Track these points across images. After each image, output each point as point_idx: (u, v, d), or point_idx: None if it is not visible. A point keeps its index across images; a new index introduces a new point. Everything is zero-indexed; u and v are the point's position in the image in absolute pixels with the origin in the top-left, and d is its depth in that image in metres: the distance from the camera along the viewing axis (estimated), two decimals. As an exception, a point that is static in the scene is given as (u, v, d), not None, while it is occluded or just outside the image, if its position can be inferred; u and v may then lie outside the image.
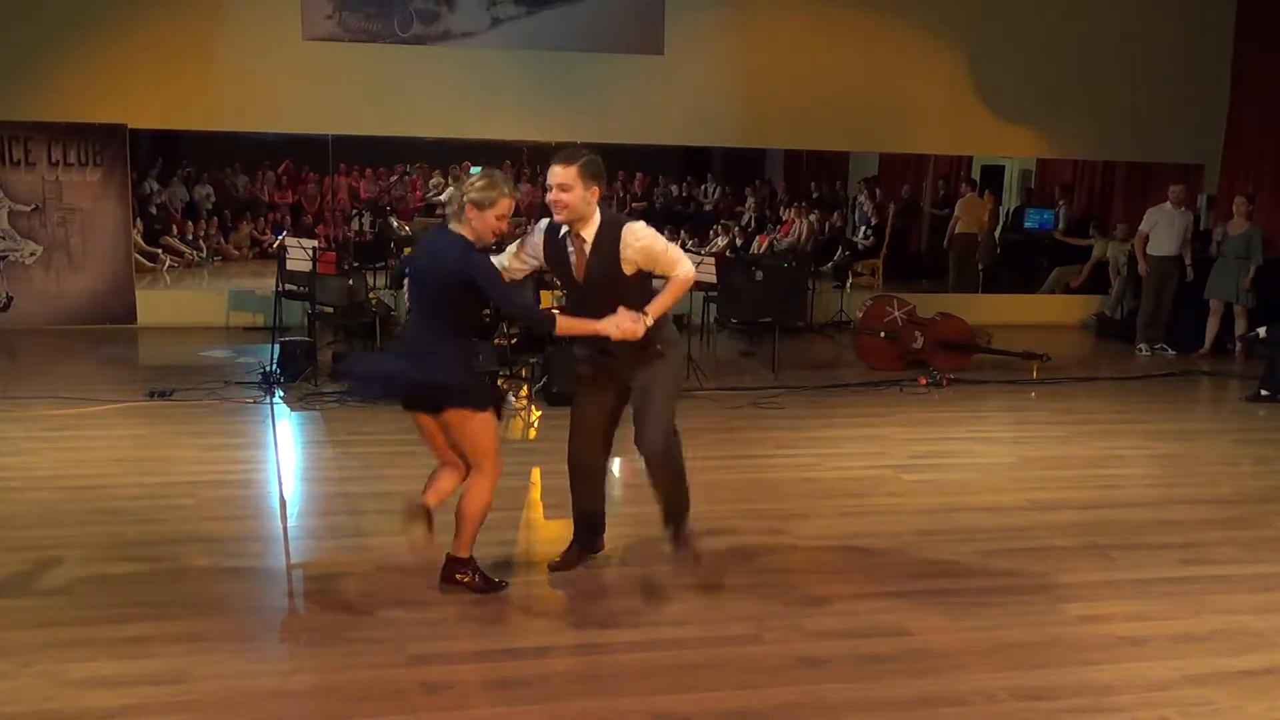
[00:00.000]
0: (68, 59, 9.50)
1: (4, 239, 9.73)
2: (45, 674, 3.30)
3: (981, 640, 3.70)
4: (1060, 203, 12.92)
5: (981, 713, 3.23)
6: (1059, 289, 12.32)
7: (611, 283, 3.83)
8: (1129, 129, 11.34)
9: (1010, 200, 13.85)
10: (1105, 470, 5.94)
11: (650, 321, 3.77)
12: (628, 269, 3.83)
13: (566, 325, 3.77)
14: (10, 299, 9.80)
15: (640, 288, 3.90)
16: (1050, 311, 11.81)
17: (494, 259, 3.89)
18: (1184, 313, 9.82)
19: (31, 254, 9.80)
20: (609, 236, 3.81)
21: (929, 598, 4.05)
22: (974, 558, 4.51)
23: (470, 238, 3.69)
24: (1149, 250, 9.71)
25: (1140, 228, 9.83)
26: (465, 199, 3.66)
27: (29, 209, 9.73)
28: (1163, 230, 9.63)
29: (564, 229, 3.83)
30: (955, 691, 3.34)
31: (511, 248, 4.01)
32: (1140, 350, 9.82)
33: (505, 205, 3.69)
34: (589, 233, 3.81)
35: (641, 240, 3.81)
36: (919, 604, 3.99)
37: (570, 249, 3.86)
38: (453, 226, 3.72)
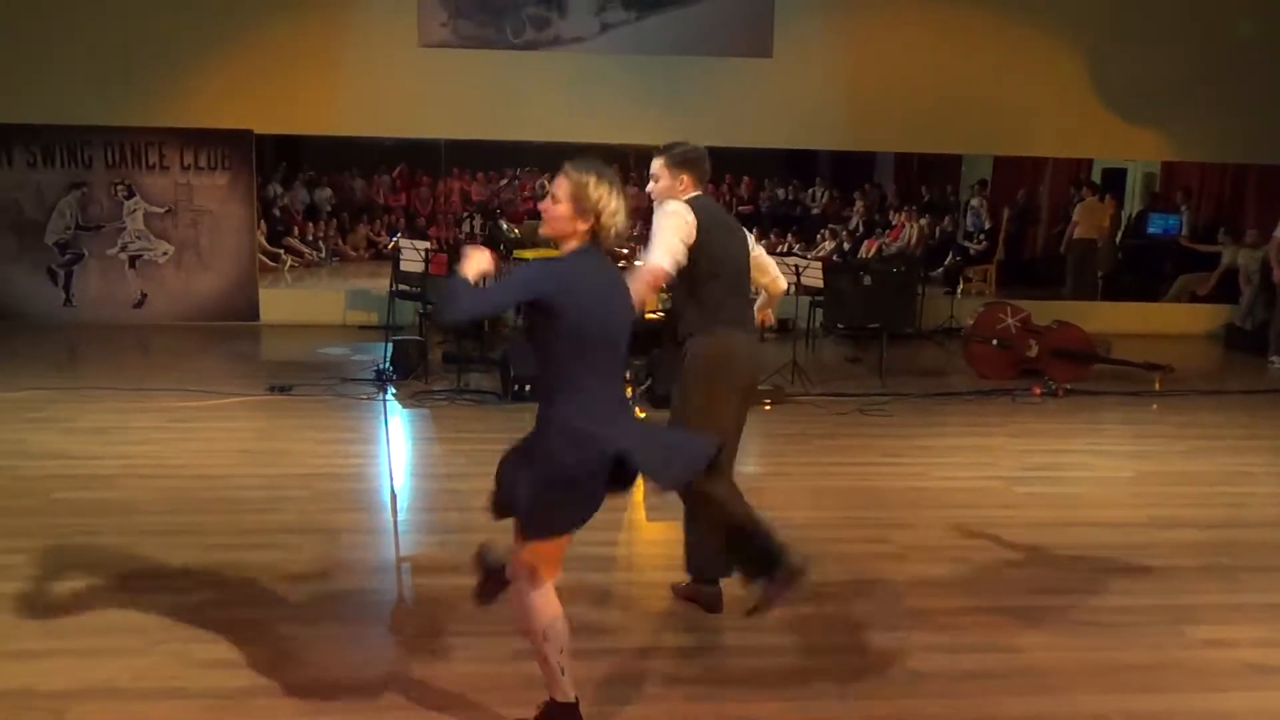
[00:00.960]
0: (199, 68, 9.96)
1: (140, 239, 10.25)
2: (172, 654, 3.46)
3: (1095, 661, 3.57)
4: (1182, 207, 12.37)
5: (1094, 736, 3.12)
6: (1185, 297, 11.79)
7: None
8: (1261, 130, 10.79)
9: (1133, 204, 13.31)
10: (1232, 488, 5.66)
11: None
12: None
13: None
14: (144, 296, 10.32)
15: (685, 275, 3.58)
16: (1175, 321, 11.32)
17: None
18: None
19: (164, 254, 10.30)
20: None
21: (1039, 614, 3.92)
22: (1089, 575, 4.35)
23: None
24: (1285, 257, 9.24)
25: (1275, 234, 9.36)
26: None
27: (162, 211, 10.23)
28: (1300, 237, 9.16)
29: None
30: (1065, 713, 3.23)
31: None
32: (1273, 363, 9.33)
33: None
34: None
35: (655, 215, 3.62)
36: (1028, 620, 3.87)
37: None
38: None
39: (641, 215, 3.81)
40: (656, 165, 3.79)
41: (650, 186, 3.81)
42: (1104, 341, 8.73)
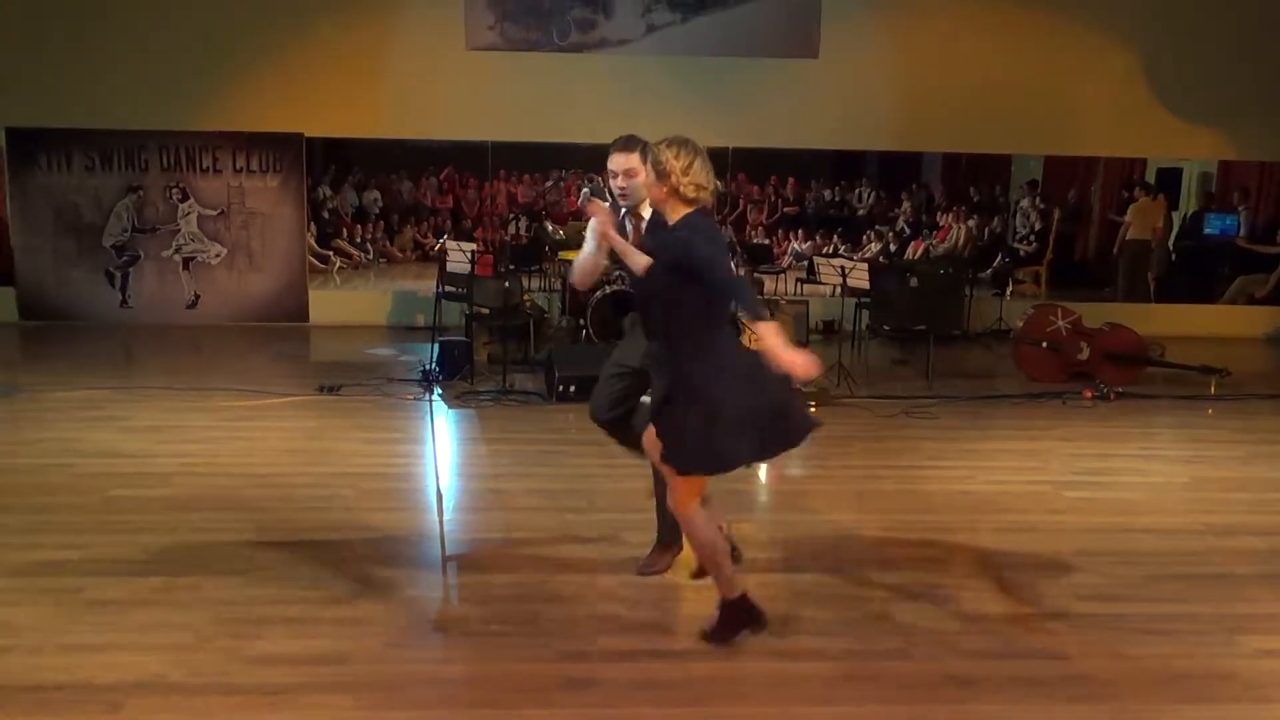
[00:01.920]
0: (250, 73, 10.13)
1: (194, 241, 10.45)
2: (223, 649, 3.53)
3: (1147, 669, 3.51)
4: (1240, 207, 12.10)
5: (1146, 746, 3.07)
6: (1242, 299, 11.53)
7: None
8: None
9: (1189, 205, 13.04)
10: (1291, 495, 5.54)
11: None
12: None
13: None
14: (197, 297, 10.51)
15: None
16: (1231, 323, 11.07)
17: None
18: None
19: (216, 255, 10.48)
20: None
21: (1090, 621, 3.87)
22: (1141, 582, 4.27)
23: None
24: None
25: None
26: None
27: (215, 213, 10.41)
28: (1363, 237, 8.91)
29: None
30: (1117, 721, 3.18)
31: None
32: (1334, 366, 9.10)
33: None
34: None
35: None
36: (1079, 627, 3.81)
37: None
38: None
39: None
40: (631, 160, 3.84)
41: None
42: (1157, 344, 8.56)
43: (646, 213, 3.84)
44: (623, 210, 3.93)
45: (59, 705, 3.16)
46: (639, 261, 3.48)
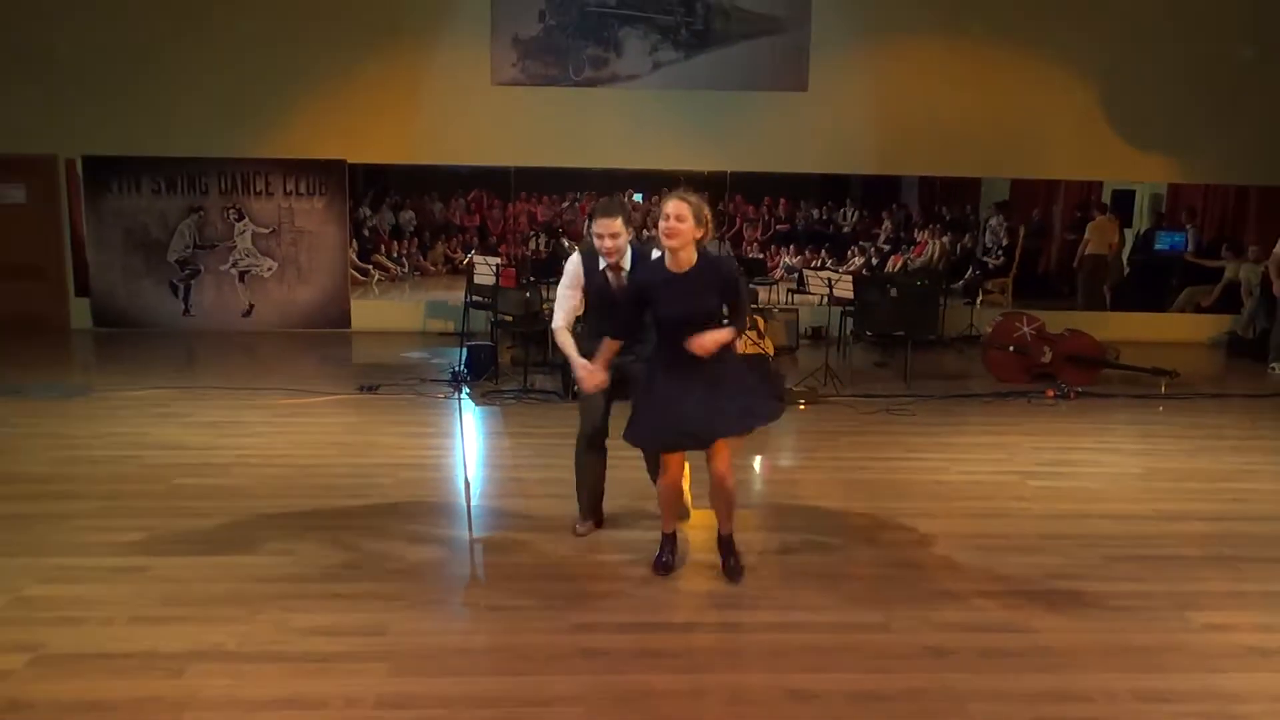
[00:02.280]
0: (299, 107, 10.16)
1: (249, 256, 10.47)
2: (272, 621, 3.53)
3: (1106, 642, 3.49)
4: (1188, 226, 12.04)
5: (1104, 711, 3.04)
6: (1189, 308, 11.46)
7: None
8: (1261, 153, 10.48)
9: (1141, 223, 12.99)
10: (1235, 484, 5.49)
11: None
12: None
13: None
14: (252, 306, 10.54)
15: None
16: (1180, 329, 11.02)
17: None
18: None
19: (269, 269, 10.51)
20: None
21: (1054, 598, 3.84)
22: (1100, 563, 4.25)
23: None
24: (1284, 272, 8.94)
25: (1275, 250, 9.06)
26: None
27: (268, 231, 10.44)
28: (1299, 252, 8.87)
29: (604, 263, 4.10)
30: (1078, 688, 3.16)
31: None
32: (1273, 369, 9.03)
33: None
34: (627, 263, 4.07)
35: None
36: (1044, 603, 3.79)
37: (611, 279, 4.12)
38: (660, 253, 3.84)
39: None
40: (616, 224, 4.01)
41: (622, 240, 4.03)
42: (1113, 348, 8.52)
43: (626, 263, 4.03)
44: (603, 264, 4.08)
45: (127, 671, 3.17)
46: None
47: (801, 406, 7.12)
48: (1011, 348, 8.28)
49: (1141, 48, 10.32)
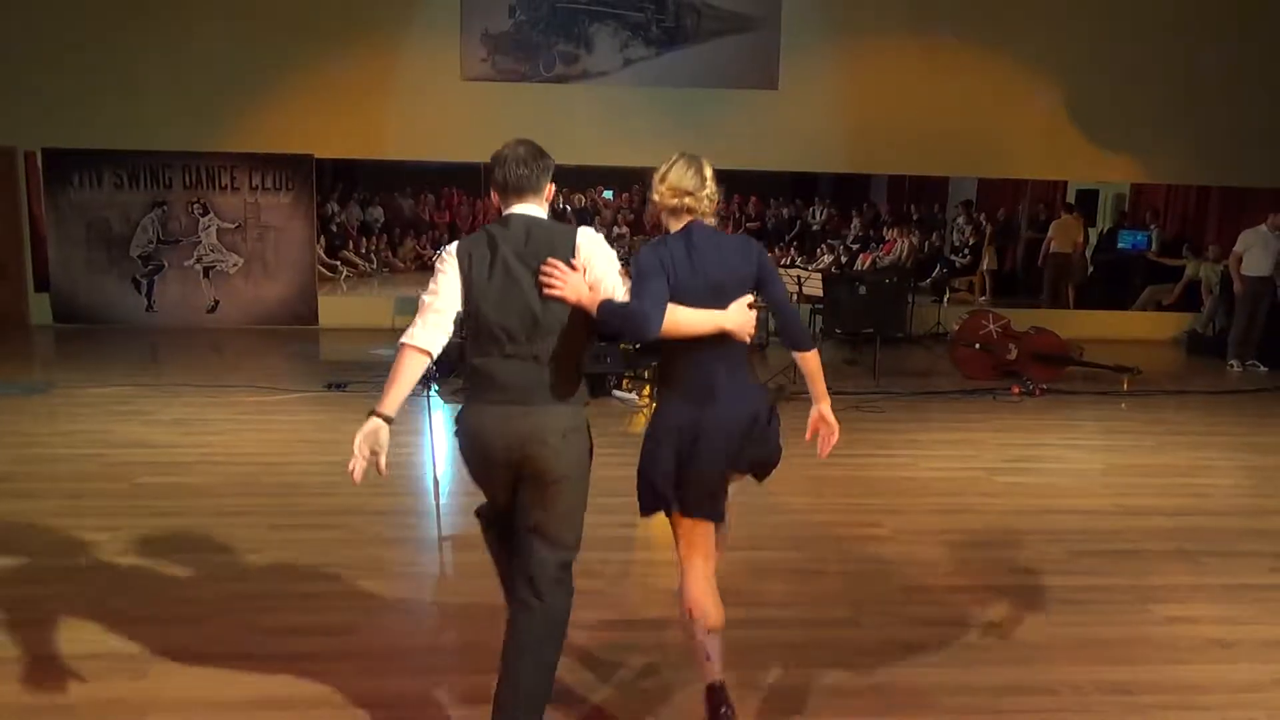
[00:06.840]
0: (265, 100, 10.03)
1: (214, 252, 10.33)
2: (241, 621, 3.49)
3: (1070, 635, 3.54)
4: (1151, 225, 12.26)
5: (1068, 703, 3.08)
6: (1151, 306, 11.66)
7: None
8: (1222, 155, 10.68)
9: (1104, 222, 13.20)
10: (1195, 479, 5.60)
11: None
12: None
13: None
14: (217, 302, 10.40)
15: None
16: (1142, 327, 11.20)
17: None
18: (1276, 330, 9.21)
19: (234, 265, 10.37)
20: None
21: (1019, 592, 3.89)
22: (1064, 557, 4.31)
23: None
24: (1243, 271, 9.13)
25: (1235, 249, 9.26)
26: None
27: (233, 226, 10.30)
28: (1258, 252, 9.06)
29: None
30: (1043, 681, 3.20)
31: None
32: (1232, 366, 9.22)
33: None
34: None
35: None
36: (1009, 598, 3.84)
37: None
38: (712, 222, 2.86)
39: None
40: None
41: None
42: (1077, 346, 8.64)
43: None
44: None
45: (90, 672, 3.11)
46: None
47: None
48: (978, 345, 8.37)
49: (1106, 50, 10.47)
